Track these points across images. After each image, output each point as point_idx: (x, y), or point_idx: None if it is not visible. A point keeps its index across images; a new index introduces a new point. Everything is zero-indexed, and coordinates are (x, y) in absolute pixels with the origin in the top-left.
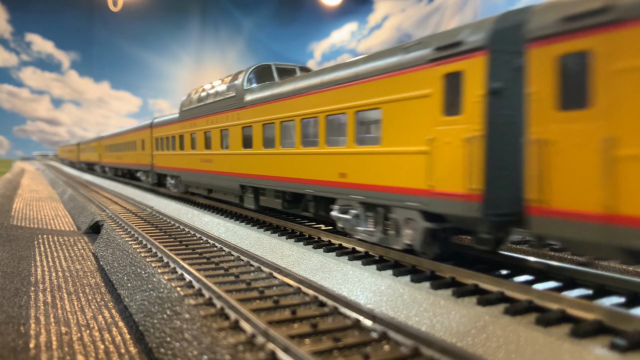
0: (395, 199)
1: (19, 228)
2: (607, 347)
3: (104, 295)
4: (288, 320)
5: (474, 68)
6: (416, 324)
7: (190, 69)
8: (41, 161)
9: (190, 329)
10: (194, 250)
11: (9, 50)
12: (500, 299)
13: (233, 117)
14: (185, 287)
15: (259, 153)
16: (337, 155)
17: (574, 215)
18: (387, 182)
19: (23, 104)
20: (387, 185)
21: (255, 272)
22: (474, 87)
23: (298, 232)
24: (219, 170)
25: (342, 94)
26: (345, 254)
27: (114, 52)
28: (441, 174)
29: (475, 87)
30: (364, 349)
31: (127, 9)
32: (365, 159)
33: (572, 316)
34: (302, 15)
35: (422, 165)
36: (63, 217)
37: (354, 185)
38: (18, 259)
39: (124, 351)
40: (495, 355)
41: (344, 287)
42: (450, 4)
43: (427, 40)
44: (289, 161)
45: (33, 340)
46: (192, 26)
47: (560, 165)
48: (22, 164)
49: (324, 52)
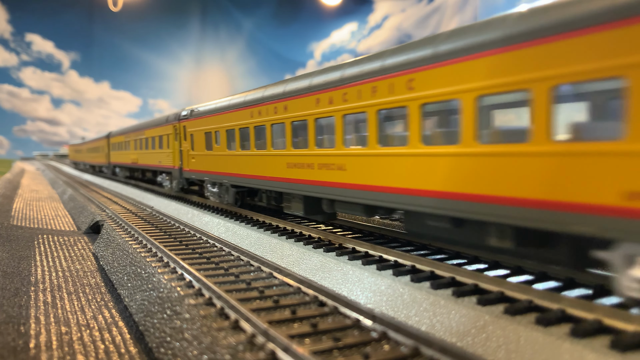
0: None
1: (19, 228)
2: (607, 347)
3: (104, 295)
4: (288, 320)
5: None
6: (416, 323)
7: (190, 69)
8: (41, 161)
9: (190, 328)
10: (194, 250)
11: (9, 50)
12: (500, 299)
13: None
14: (185, 287)
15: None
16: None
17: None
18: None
19: (23, 104)
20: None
21: (255, 272)
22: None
23: (298, 232)
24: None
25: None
26: (345, 254)
27: (114, 52)
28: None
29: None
30: (364, 349)
31: (127, 9)
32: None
33: (572, 316)
34: (302, 15)
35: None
36: (63, 217)
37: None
38: (18, 259)
39: (124, 351)
40: (495, 355)
41: (344, 287)
42: (450, 4)
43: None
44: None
45: (33, 340)
46: (192, 26)
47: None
48: (22, 164)
49: (324, 52)
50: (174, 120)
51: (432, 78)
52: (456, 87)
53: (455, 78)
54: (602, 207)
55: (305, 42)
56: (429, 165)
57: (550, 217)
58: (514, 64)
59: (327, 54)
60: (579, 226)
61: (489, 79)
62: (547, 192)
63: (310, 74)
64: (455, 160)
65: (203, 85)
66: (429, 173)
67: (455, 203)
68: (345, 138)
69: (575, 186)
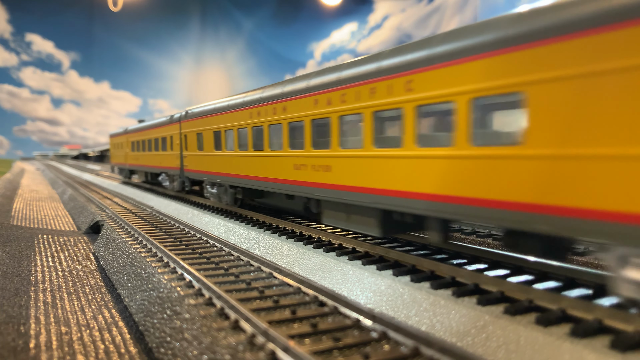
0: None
1: (19, 228)
2: (607, 347)
3: (104, 295)
4: (288, 320)
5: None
6: (416, 323)
7: (190, 69)
8: (41, 161)
9: (190, 328)
10: (194, 250)
11: (9, 50)
12: (500, 299)
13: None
14: (185, 287)
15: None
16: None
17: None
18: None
19: (23, 104)
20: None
21: (255, 272)
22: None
23: (298, 232)
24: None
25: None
26: (345, 254)
27: (114, 52)
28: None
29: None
30: (364, 349)
31: (127, 9)
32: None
33: (572, 316)
34: (302, 15)
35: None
36: (63, 217)
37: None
38: (18, 259)
39: (124, 351)
40: (495, 355)
41: (344, 287)
42: (450, 4)
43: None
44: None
45: (33, 340)
46: (192, 26)
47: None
48: (22, 164)
49: (324, 52)
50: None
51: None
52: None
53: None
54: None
55: (305, 42)
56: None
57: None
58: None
59: (327, 54)
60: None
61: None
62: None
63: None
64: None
65: (203, 85)
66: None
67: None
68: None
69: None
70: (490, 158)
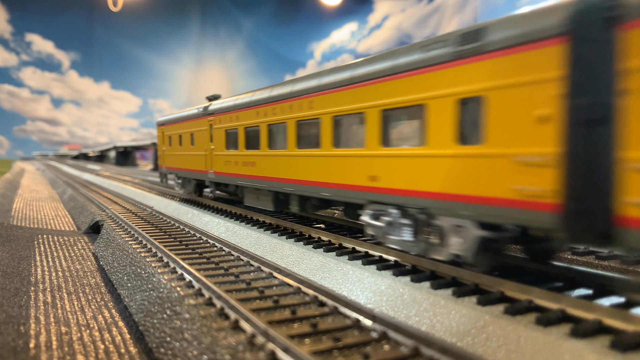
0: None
1: (19, 228)
2: (607, 347)
3: (104, 295)
4: (288, 320)
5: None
6: (416, 323)
7: (190, 69)
8: (41, 161)
9: (190, 328)
10: (194, 250)
11: (9, 50)
12: (500, 299)
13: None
14: (185, 287)
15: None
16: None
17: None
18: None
19: (23, 104)
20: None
21: (255, 272)
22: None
23: (298, 232)
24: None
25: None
26: (345, 253)
27: (114, 52)
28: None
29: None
30: (364, 349)
31: (127, 9)
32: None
33: (572, 316)
34: (302, 15)
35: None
36: (63, 217)
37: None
38: (18, 259)
39: (124, 351)
40: (495, 355)
41: (344, 287)
42: (450, 4)
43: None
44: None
45: (33, 340)
46: (192, 26)
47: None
48: (22, 164)
49: (324, 52)
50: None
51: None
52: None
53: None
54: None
55: (305, 42)
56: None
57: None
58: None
59: (327, 54)
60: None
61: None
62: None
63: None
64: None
65: (203, 85)
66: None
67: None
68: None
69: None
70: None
